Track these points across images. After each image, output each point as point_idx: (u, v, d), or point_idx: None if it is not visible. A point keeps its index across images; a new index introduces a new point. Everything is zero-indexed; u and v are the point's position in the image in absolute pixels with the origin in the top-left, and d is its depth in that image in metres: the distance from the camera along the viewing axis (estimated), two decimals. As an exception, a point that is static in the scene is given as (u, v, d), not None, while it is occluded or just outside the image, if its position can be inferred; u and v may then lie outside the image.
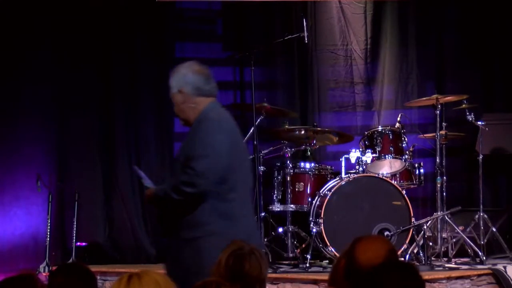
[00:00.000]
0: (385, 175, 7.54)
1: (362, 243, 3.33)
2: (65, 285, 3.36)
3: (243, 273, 3.50)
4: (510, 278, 6.77)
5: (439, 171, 7.54)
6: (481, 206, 7.59)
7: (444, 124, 7.61)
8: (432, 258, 7.35)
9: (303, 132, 7.74)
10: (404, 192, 7.37)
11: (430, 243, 7.49)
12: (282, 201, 7.63)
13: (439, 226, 7.45)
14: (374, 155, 7.59)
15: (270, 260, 7.32)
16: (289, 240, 7.53)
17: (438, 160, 7.52)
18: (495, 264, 7.11)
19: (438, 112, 7.53)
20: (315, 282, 6.78)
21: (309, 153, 7.85)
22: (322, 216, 7.22)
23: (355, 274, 3.27)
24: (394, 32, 8.66)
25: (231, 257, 3.55)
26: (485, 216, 7.56)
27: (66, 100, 8.20)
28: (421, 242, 7.28)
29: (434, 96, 7.55)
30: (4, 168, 8.01)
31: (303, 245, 7.52)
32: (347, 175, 7.52)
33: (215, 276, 3.54)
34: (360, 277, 3.22)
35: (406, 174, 7.68)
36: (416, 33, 8.68)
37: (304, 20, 7.50)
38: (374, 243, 3.34)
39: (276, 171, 7.72)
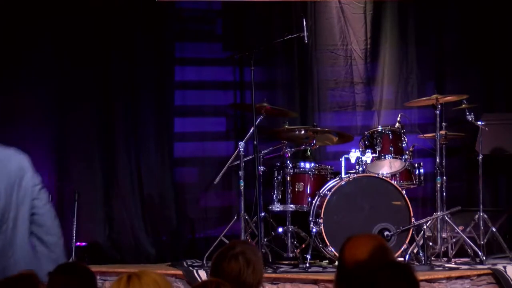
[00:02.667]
0: (385, 175, 7.54)
1: (350, 240, 3.33)
2: (65, 285, 3.37)
3: (218, 270, 3.56)
4: (510, 278, 6.78)
5: (439, 171, 7.54)
6: (481, 206, 7.59)
7: (444, 124, 7.62)
8: (432, 258, 7.36)
9: (303, 132, 7.74)
10: (404, 192, 7.37)
11: (430, 243, 7.49)
12: (282, 201, 7.64)
13: (439, 226, 7.46)
14: (374, 155, 7.59)
15: (270, 260, 7.33)
16: (289, 240, 7.53)
17: (438, 160, 7.52)
18: (495, 264, 7.11)
19: (438, 112, 7.53)
20: (315, 282, 6.79)
21: (309, 153, 7.86)
22: (322, 216, 7.22)
23: (342, 272, 3.28)
24: (394, 32, 8.66)
25: (216, 253, 3.64)
26: (485, 216, 7.56)
27: (65, 100, 8.19)
28: (421, 242, 7.29)
29: (434, 96, 7.56)
30: (4, 168, 7.99)
31: (303, 245, 7.52)
32: (347, 175, 7.52)
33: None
34: (346, 274, 3.22)
35: (406, 174, 7.68)
36: (416, 33, 8.68)
37: (304, 20, 7.51)
38: (361, 239, 3.33)
39: (276, 171, 7.72)
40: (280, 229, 7.63)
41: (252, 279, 3.57)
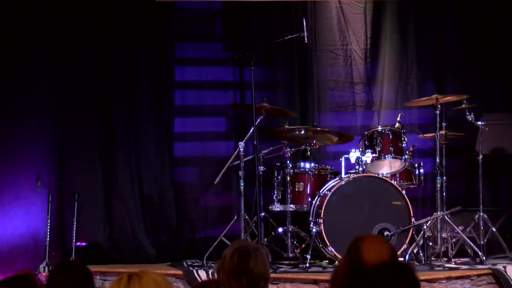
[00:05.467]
0: (385, 175, 7.54)
1: (366, 242, 3.33)
2: (64, 283, 3.37)
3: (248, 269, 3.50)
4: (510, 278, 6.78)
5: (439, 171, 7.54)
6: (481, 206, 7.59)
7: (444, 124, 7.61)
8: (432, 258, 7.36)
9: (303, 132, 7.74)
10: (404, 192, 7.37)
11: (430, 243, 7.49)
12: (282, 201, 7.63)
13: (439, 226, 7.46)
14: (374, 155, 7.58)
15: (270, 260, 7.31)
16: (289, 240, 7.53)
17: (438, 160, 7.52)
18: (495, 264, 7.11)
19: (438, 112, 7.53)
20: (315, 282, 6.79)
21: (309, 153, 7.85)
22: (322, 216, 7.22)
23: (359, 273, 3.28)
24: (394, 32, 8.66)
25: (236, 254, 3.56)
26: (485, 216, 7.56)
27: (66, 100, 8.20)
28: (421, 242, 7.28)
29: (434, 96, 7.56)
30: (4, 168, 8.00)
31: (303, 245, 7.51)
32: (347, 175, 7.52)
33: (220, 271, 3.57)
34: (364, 276, 3.22)
35: (406, 174, 7.68)
36: (416, 33, 8.68)
37: (303, 20, 7.51)
38: (377, 242, 3.35)
39: (276, 171, 7.72)
40: (280, 229, 7.63)
41: (269, 272, 3.58)
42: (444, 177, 7.61)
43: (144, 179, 8.26)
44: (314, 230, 7.35)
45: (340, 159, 7.67)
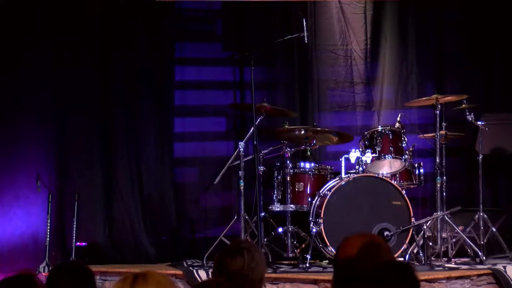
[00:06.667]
0: (385, 175, 7.54)
1: (344, 240, 3.38)
2: (65, 284, 3.37)
3: (223, 266, 3.56)
4: (510, 278, 6.78)
5: (439, 171, 7.54)
6: (481, 206, 7.59)
7: (444, 124, 7.62)
8: (432, 258, 7.36)
9: (303, 132, 7.74)
10: (404, 192, 7.37)
11: (430, 243, 7.49)
12: (282, 201, 7.64)
13: (439, 226, 7.46)
14: (374, 155, 7.59)
15: (270, 260, 7.32)
16: (289, 240, 7.53)
17: (438, 160, 7.52)
18: (495, 264, 7.12)
19: (438, 112, 7.53)
20: (315, 282, 6.79)
21: (309, 153, 7.85)
22: (322, 216, 7.22)
23: (336, 270, 3.33)
24: (394, 32, 8.66)
25: (220, 251, 3.65)
26: (485, 216, 7.56)
27: (66, 100, 8.20)
28: (421, 242, 7.29)
29: (434, 96, 7.56)
30: (4, 168, 8.00)
31: (303, 245, 7.51)
32: (347, 175, 7.52)
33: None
34: (340, 272, 3.26)
35: (406, 174, 7.68)
36: (416, 33, 8.68)
37: (304, 20, 7.51)
38: (353, 238, 3.38)
39: (276, 171, 7.72)
40: (280, 229, 7.63)
41: (256, 275, 3.58)
42: (444, 177, 7.62)
43: (144, 179, 8.26)
44: (314, 230, 7.35)
45: (340, 159, 7.68)
